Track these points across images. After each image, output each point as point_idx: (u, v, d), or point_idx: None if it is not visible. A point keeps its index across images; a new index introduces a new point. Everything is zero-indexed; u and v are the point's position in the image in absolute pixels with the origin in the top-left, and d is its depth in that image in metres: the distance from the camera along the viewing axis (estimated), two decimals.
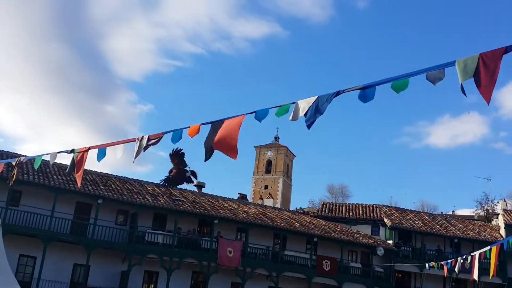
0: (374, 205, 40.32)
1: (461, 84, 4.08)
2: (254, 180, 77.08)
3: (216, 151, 5.88)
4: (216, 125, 5.92)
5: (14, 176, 8.70)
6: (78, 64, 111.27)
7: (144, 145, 6.50)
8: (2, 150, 30.23)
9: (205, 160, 5.90)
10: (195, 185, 39.19)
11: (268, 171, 76.82)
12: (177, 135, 6.26)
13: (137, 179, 33.93)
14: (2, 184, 23.27)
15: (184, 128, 6.23)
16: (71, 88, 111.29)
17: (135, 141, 6.65)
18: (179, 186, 35.35)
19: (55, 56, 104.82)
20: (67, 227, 26.71)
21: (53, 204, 25.97)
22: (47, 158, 8.08)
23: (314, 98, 5.25)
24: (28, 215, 25.50)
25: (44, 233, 25.49)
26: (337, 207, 41.43)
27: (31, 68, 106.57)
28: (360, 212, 39.29)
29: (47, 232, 25.56)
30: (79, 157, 7.42)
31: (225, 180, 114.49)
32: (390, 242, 36.02)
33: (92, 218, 27.49)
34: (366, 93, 4.88)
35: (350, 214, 39.20)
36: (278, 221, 33.83)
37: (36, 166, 8.48)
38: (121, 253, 27.72)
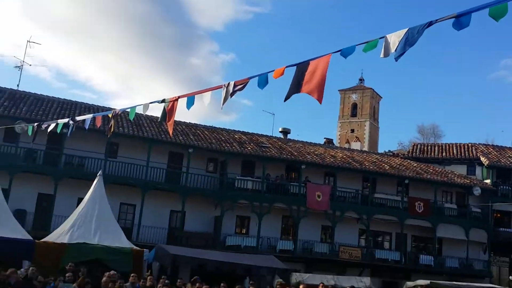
0: (469, 144, 38.48)
1: None
2: (340, 125, 76.10)
3: (298, 94, 5.75)
4: (301, 67, 5.75)
5: (112, 127, 9.10)
6: (161, 18, 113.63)
7: (231, 91, 6.50)
8: (98, 105, 31.96)
9: (284, 100, 5.82)
10: (280, 131, 39.41)
11: (353, 114, 75.40)
12: (262, 79, 6.20)
13: (224, 128, 34.64)
14: (100, 137, 24.67)
15: (269, 72, 6.13)
16: (156, 43, 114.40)
17: (221, 88, 6.67)
18: (265, 133, 35.78)
19: (139, 12, 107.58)
20: (162, 176, 27.99)
21: (148, 154, 27.19)
22: (139, 109, 8.36)
23: (404, 30, 4.92)
24: (126, 165, 26.94)
25: (142, 182, 26.89)
26: (429, 147, 40.04)
27: (117, 26, 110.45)
28: (454, 152, 37.70)
29: (144, 181, 26.94)
30: (170, 106, 7.61)
31: (310, 125, 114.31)
32: (488, 181, 34.43)
33: (184, 167, 28.57)
34: (461, 21, 4.49)
35: (443, 154, 37.74)
36: (367, 164, 33.32)
37: (131, 117, 8.81)
38: (214, 199, 28.74)
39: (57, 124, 10.42)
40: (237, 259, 19.94)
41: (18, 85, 30.36)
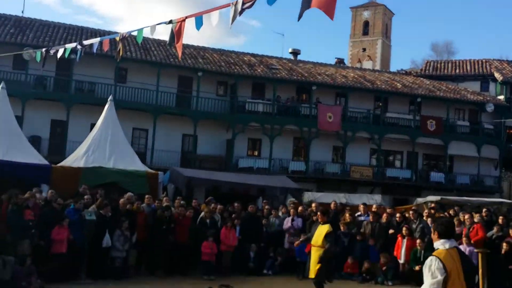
0: (483, 60, 37.67)
1: None
2: (351, 44, 74.41)
3: (308, 13, 5.53)
4: None
5: (121, 51, 8.92)
6: None
7: (239, 9, 6.29)
8: (104, 30, 31.41)
9: (298, 19, 5.59)
10: (290, 53, 38.74)
11: (365, 33, 73.41)
12: None
13: (232, 51, 34.09)
14: (109, 62, 24.45)
15: None
16: None
17: (229, 6, 6.44)
18: (275, 55, 35.18)
19: None
20: (172, 100, 27.99)
21: (157, 79, 27.03)
22: (147, 33, 8.17)
23: None
24: (136, 90, 26.88)
25: (152, 107, 26.93)
26: (442, 64, 39.31)
27: None
28: (468, 68, 37.01)
29: (155, 106, 26.97)
30: (177, 27, 7.40)
31: (320, 45, 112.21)
32: (501, 97, 34.02)
33: (194, 91, 28.45)
34: None
35: (457, 71, 37.09)
36: (379, 83, 32.93)
37: (139, 40, 8.62)
38: (225, 122, 28.86)
39: (65, 49, 10.25)
40: (250, 180, 20.29)
41: (22, 12, 29.93)
